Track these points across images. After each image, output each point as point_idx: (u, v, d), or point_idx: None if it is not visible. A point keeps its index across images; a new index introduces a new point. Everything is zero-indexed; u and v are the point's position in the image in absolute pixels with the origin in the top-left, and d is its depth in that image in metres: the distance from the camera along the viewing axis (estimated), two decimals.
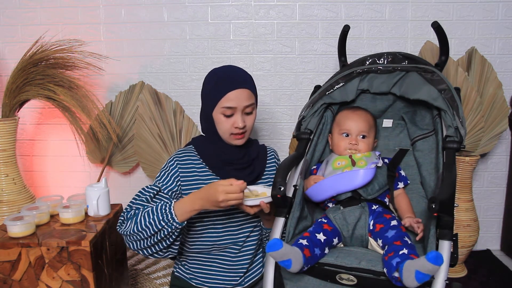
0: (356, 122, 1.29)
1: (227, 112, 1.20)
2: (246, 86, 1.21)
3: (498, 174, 2.16)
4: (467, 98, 1.86)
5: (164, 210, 1.11)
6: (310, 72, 2.09)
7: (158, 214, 1.11)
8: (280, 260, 0.97)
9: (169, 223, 1.10)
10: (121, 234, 1.18)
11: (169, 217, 1.10)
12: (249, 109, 1.23)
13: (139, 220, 1.12)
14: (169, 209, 1.12)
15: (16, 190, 1.81)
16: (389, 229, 1.07)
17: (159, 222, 1.10)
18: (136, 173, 2.21)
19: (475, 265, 2.03)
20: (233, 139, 1.24)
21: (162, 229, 1.11)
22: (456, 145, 1.13)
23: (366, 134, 1.29)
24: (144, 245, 1.14)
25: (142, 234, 1.12)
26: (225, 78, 1.21)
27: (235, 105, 1.19)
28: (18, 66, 1.78)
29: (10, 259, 1.27)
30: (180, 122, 2.05)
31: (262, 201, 1.11)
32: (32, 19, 2.07)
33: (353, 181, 1.16)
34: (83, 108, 1.82)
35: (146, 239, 1.13)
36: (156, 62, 2.10)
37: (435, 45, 1.92)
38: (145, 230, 1.11)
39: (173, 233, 1.13)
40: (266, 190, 1.19)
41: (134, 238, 1.14)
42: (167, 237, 1.13)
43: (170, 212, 1.11)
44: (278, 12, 2.04)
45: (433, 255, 0.84)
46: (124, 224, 1.17)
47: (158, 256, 1.19)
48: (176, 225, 1.11)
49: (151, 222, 1.11)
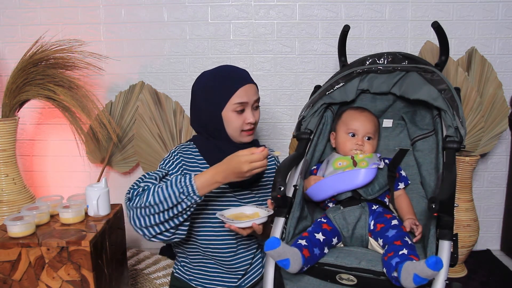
0: (364, 123, 1.29)
1: (238, 108, 1.21)
2: (252, 81, 1.25)
3: (498, 174, 2.16)
4: (467, 98, 1.86)
5: (184, 183, 1.08)
6: (310, 72, 2.09)
7: (177, 187, 1.07)
8: (278, 259, 0.97)
9: (189, 196, 1.07)
10: (130, 208, 1.11)
11: (190, 189, 1.07)
12: (257, 104, 1.26)
13: (155, 193, 1.07)
14: (189, 181, 1.08)
15: (16, 190, 1.81)
16: (389, 228, 1.07)
17: (178, 194, 1.06)
18: (136, 173, 2.21)
19: (475, 265, 2.03)
20: (244, 135, 1.24)
21: (181, 202, 1.07)
22: (456, 145, 1.13)
23: (372, 136, 1.29)
24: (154, 222, 1.09)
25: (156, 207, 1.07)
26: (231, 76, 1.22)
27: (247, 100, 1.21)
28: (18, 66, 1.78)
29: (10, 259, 1.27)
30: (180, 122, 2.05)
31: (254, 222, 1.11)
32: (32, 19, 2.07)
33: (354, 180, 1.16)
34: (83, 108, 1.82)
35: (159, 214, 1.08)
36: (156, 62, 2.10)
37: (435, 45, 1.92)
38: (162, 203, 1.06)
39: (190, 208, 1.09)
40: (258, 210, 1.20)
41: (145, 212, 1.09)
42: (182, 213, 1.09)
43: (191, 184, 1.08)
44: (278, 12, 2.04)
45: (433, 261, 0.84)
46: (133, 199, 1.11)
47: (163, 237, 1.12)
48: (196, 199, 1.08)
49: (170, 194, 1.06)
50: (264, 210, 1.18)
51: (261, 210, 1.19)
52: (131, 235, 2.24)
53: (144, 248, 2.22)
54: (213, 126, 1.24)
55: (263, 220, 1.13)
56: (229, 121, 1.22)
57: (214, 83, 1.22)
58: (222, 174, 1.09)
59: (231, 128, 1.23)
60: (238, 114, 1.21)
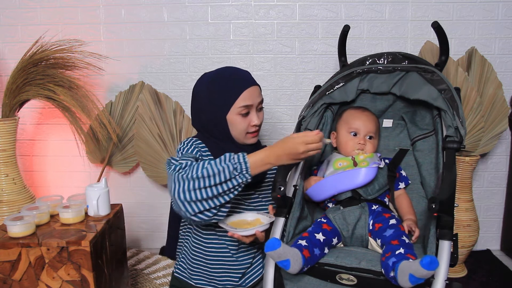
0: (365, 122, 1.29)
1: (243, 111, 1.20)
2: (256, 83, 1.24)
3: (498, 174, 2.16)
4: (467, 98, 1.86)
5: (238, 160, 1.06)
6: (310, 72, 2.09)
7: (231, 162, 1.06)
8: (278, 260, 0.97)
9: (241, 173, 1.06)
10: (179, 179, 1.06)
11: (243, 166, 1.06)
12: (261, 105, 1.26)
13: (208, 165, 1.05)
14: (243, 159, 1.06)
15: (16, 190, 1.81)
16: (387, 228, 1.07)
17: (232, 170, 1.05)
18: (136, 173, 2.21)
19: (475, 265, 2.03)
20: (249, 138, 1.24)
21: (232, 179, 1.05)
22: (456, 145, 1.13)
23: (373, 135, 1.29)
24: (201, 196, 1.05)
25: (207, 180, 1.04)
26: (235, 79, 1.21)
27: (251, 102, 1.21)
28: (18, 66, 1.78)
29: (10, 259, 1.27)
30: (180, 122, 2.05)
31: (257, 230, 1.11)
32: (32, 19, 2.07)
33: (355, 180, 1.16)
34: (83, 108, 1.82)
35: (208, 189, 1.05)
36: (156, 62, 2.10)
37: (435, 45, 1.92)
38: (214, 177, 1.04)
39: (238, 187, 1.08)
40: (260, 216, 1.20)
41: (193, 185, 1.04)
42: (230, 191, 1.07)
43: (244, 161, 1.06)
44: (278, 12, 2.04)
45: (427, 261, 0.83)
46: (183, 171, 1.07)
47: (204, 217, 1.08)
48: (248, 177, 1.07)
49: (224, 168, 1.04)
50: (266, 216, 1.18)
51: (263, 216, 1.19)
52: (131, 235, 2.24)
53: (144, 248, 2.22)
54: (218, 128, 1.23)
55: (265, 227, 1.13)
56: (234, 124, 1.21)
57: (217, 86, 1.21)
58: (275, 155, 1.08)
59: (236, 131, 1.22)
60: (243, 117, 1.21)
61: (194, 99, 1.27)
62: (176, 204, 1.08)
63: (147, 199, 2.24)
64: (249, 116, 1.23)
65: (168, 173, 1.10)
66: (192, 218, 1.08)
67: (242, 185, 1.08)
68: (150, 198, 2.23)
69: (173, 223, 1.43)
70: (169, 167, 1.11)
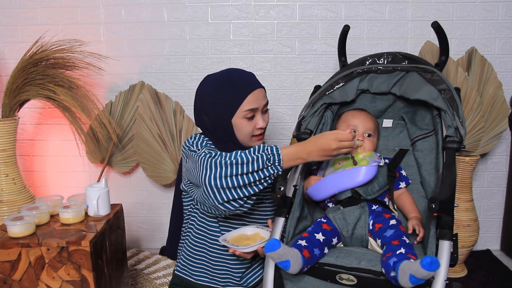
0: (363, 120, 1.31)
1: (249, 115, 1.20)
2: (261, 85, 1.24)
3: (498, 174, 2.16)
4: (467, 98, 1.86)
5: (271, 151, 1.08)
6: (310, 72, 2.09)
7: (265, 153, 1.07)
8: (279, 261, 0.97)
9: (273, 164, 1.07)
10: (214, 165, 1.06)
11: (276, 158, 1.07)
12: (266, 108, 1.26)
13: (242, 153, 1.06)
14: (276, 151, 1.08)
15: (16, 190, 1.81)
16: (387, 228, 1.07)
17: (265, 160, 1.06)
18: (136, 173, 2.21)
19: (475, 265, 2.03)
20: (254, 140, 1.24)
21: (264, 169, 1.06)
22: (456, 145, 1.13)
23: (372, 133, 1.30)
24: (232, 184, 1.05)
25: (240, 168, 1.05)
26: (240, 81, 1.21)
27: (257, 105, 1.21)
28: (18, 66, 1.78)
29: (10, 259, 1.27)
30: (180, 122, 2.05)
31: (259, 246, 1.13)
32: (32, 19, 2.07)
33: (355, 178, 1.16)
34: (83, 108, 1.82)
35: (240, 176, 1.05)
36: (156, 62, 2.10)
37: (435, 45, 1.92)
38: (247, 164, 1.05)
39: (269, 178, 1.08)
40: (259, 231, 1.21)
41: (226, 172, 1.05)
42: (261, 181, 1.08)
43: (277, 153, 1.08)
44: (278, 12, 2.04)
45: (427, 261, 0.83)
46: (218, 156, 1.07)
47: (230, 207, 1.07)
48: (280, 169, 1.08)
49: (258, 157, 1.05)
50: (265, 231, 1.19)
51: (262, 230, 1.20)
52: (131, 235, 2.24)
53: (144, 248, 2.22)
54: (222, 131, 1.23)
55: None
56: (239, 128, 1.21)
57: (222, 90, 1.20)
58: (307, 151, 1.09)
59: (242, 134, 1.22)
60: (249, 120, 1.21)
61: (198, 101, 1.26)
62: (205, 191, 1.07)
63: (147, 199, 2.24)
64: (254, 119, 1.22)
65: (196, 159, 1.10)
66: (218, 206, 1.08)
67: (272, 177, 1.09)
68: (150, 198, 2.23)
69: (175, 221, 1.43)
70: (197, 154, 1.11)
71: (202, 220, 1.27)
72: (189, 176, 1.16)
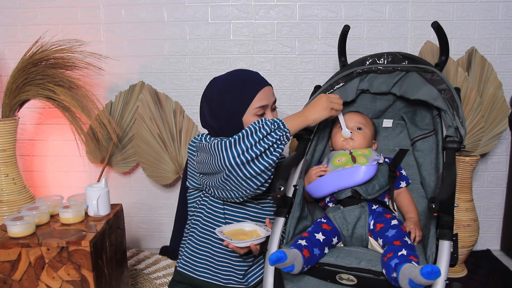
0: (352, 115, 1.33)
1: (259, 112, 1.24)
2: (269, 83, 1.28)
3: (498, 174, 2.16)
4: (467, 98, 1.86)
5: (272, 120, 1.13)
6: (310, 72, 2.09)
7: (266, 122, 1.12)
8: (284, 268, 0.97)
9: (279, 127, 1.12)
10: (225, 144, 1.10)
11: (278, 121, 1.12)
12: (274, 105, 1.30)
13: (246, 128, 1.11)
14: (276, 118, 1.14)
15: (16, 190, 1.81)
16: (389, 228, 1.07)
17: (270, 125, 1.11)
18: (136, 173, 2.21)
19: (475, 265, 2.03)
20: None
21: (272, 132, 1.10)
22: (456, 145, 1.13)
23: (362, 126, 1.30)
24: (250, 157, 1.08)
25: (251, 138, 1.09)
26: (248, 80, 1.24)
27: (267, 102, 1.25)
28: (18, 66, 1.78)
29: (10, 259, 1.27)
30: (180, 122, 2.05)
31: (252, 243, 1.13)
32: (32, 19, 2.07)
33: (355, 177, 1.16)
34: (83, 108, 1.82)
35: (253, 147, 1.08)
36: (156, 62, 2.10)
37: (435, 45, 1.92)
38: (256, 132, 1.10)
39: (279, 143, 1.11)
40: (257, 228, 1.21)
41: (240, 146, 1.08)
42: (274, 148, 1.10)
43: (278, 119, 1.13)
44: (278, 12, 2.04)
45: (427, 270, 0.82)
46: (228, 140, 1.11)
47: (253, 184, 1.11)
48: (286, 130, 1.12)
49: (261, 125, 1.11)
50: (263, 229, 1.20)
51: (260, 228, 1.21)
52: (131, 235, 2.24)
53: (144, 248, 2.22)
54: (232, 130, 1.23)
55: (261, 240, 1.15)
56: None
57: (232, 89, 1.23)
58: (304, 113, 1.18)
59: None
60: (259, 118, 1.22)
61: (206, 103, 1.28)
62: (227, 172, 1.10)
63: (147, 199, 2.24)
64: (264, 116, 1.25)
65: (210, 147, 1.13)
66: (241, 183, 1.10)
67: (282, 140, 1.12)
68: (150, 198, 2.23)
69: (180, 218, 1.43)
70: (209, 143, 1.14)
71: (208, 216, 1.27)
72: (204, 167, 1.18)
